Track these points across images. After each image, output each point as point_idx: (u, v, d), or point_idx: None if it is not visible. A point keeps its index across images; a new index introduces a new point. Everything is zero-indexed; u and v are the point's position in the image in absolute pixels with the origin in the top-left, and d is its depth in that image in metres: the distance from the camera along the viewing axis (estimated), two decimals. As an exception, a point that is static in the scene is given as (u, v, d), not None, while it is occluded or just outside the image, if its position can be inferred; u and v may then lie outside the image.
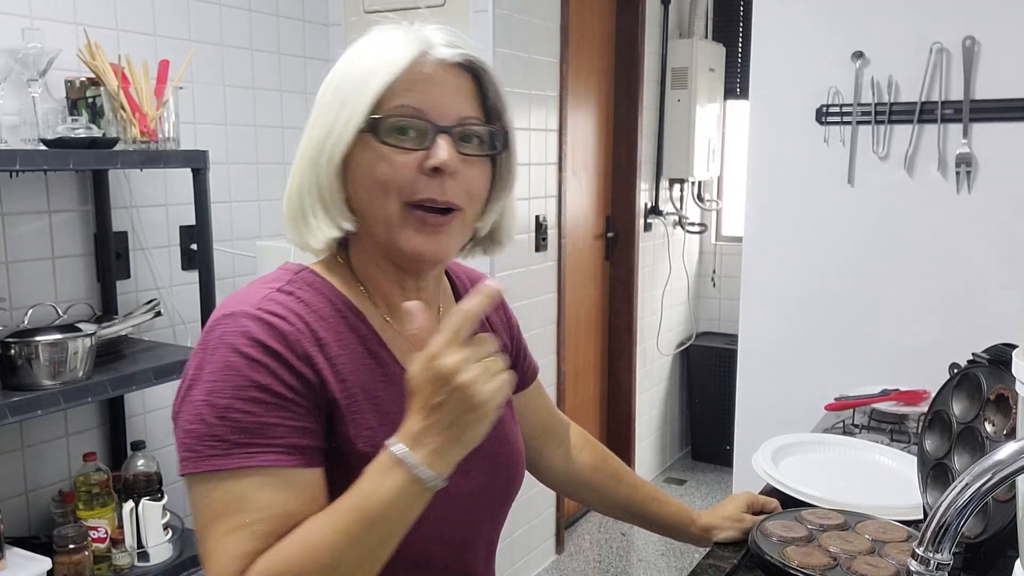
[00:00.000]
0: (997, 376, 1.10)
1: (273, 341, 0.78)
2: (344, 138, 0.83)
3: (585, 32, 3.29)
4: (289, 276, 0.88)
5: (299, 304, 0.83)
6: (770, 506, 1.22)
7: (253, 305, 0.81)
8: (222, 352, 0.78)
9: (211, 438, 0.76)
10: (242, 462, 0.75)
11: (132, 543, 1.86)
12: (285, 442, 0.77)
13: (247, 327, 0.78)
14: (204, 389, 0.77)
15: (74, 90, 1.88)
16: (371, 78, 0.82)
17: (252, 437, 0.76)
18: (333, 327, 0.84)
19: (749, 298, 2.31)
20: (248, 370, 0.77)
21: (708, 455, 4.22)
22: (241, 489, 0.75)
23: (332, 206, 0.85)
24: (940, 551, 0.64)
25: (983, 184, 2.00)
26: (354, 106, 0.82)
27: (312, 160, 0.85)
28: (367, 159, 0.83)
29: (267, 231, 2.51)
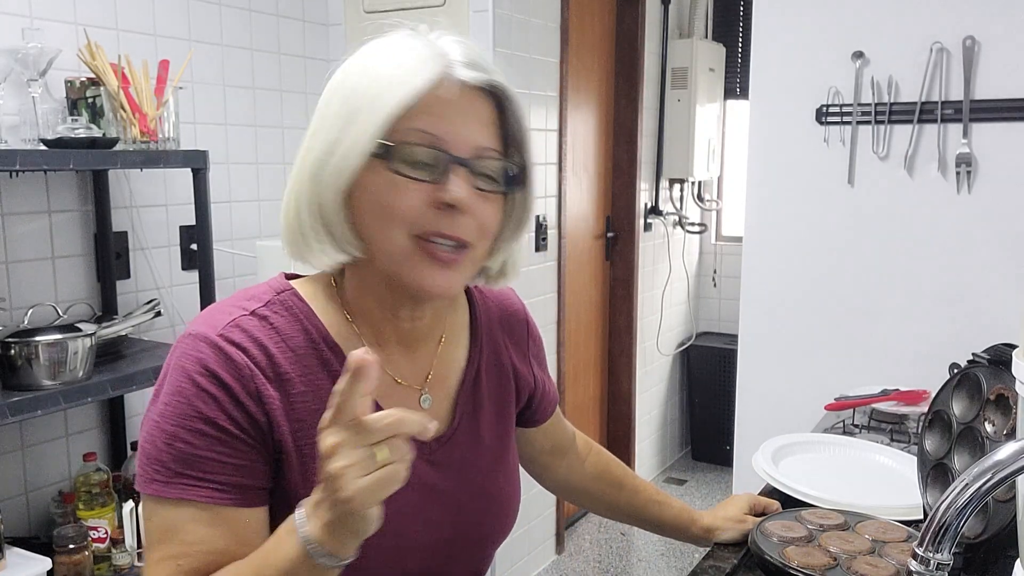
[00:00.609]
0: (997, 376, 1.10)
1: (225, 373, 0.75)
2: (351, 160, 0.76)
3: (585, 32, 3.29)
4: (270, 296, 0.83)
5: (269, 331, 0.79)
6: (771, 507, 1.22)
7: (216, 329, 0.77)
8: (176, 375, 0.76)
9: (157, 462, 0.75)
10: (179, 493, 0.74)
11: (132, 543, 1.86)
12: (223, 479, 0.75)
13: (202, 354, 0.76)
14: (158, 410, 0.76)
15: (74, 90, 1.88)
16: (386, 96, 0.76)
17: (191, 469, 0.74)
18: (301, 361, 0.79)
19: (749, 298, 2.31)
20: (196, 400, 0.75)
21: (708, 455, 4.21)
22: (175, 519, 0.74)
23: (336, 230, 0.79)
24: (940, 551, 0.64)
25: (983, 184, 2.00)
26: (364, 126, 0.76)
27: (313, 176, 0.78)
28: (375, 185, 0.77)
29: (267, 231, 2.51)
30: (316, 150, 0.79)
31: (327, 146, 0.78)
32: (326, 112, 0.80)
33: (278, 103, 2.53)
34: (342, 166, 0.77)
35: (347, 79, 0.80)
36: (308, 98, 2.64)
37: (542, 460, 1.16)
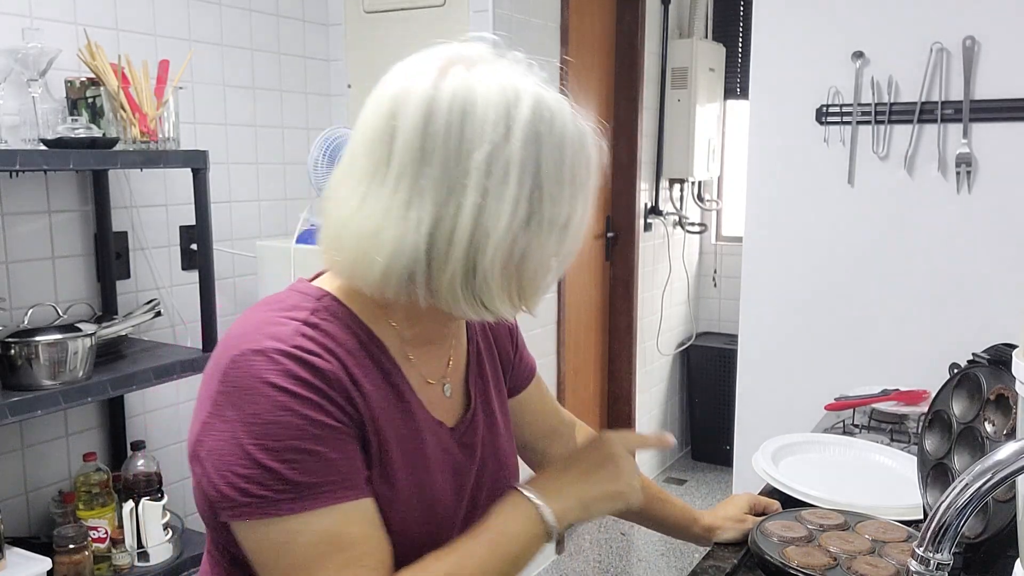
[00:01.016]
0: (997, 376, 1.10)
1: (316, 380, 0.75)
2: (579, 241, 0.81)
3: (585, 32, 3.29)
4: (312, 304, 0.81)
5: (327, 339, 0.78)
6: (771, 507, 1.22)
7: (284, 342, 0.75)
8: (266, 392, 0.73)
9: (279, 481, 0.72)
10: (320, 503, 0.73)
11: (132, 543, 1.86)
12: (348, 474, 0.76)
13: (285, 366, 0.74)
14: (252, 432, 0.72)
15: (74, 90, 1.88)
16: (590, 186, 0.81)
17: (321, 476, 0.73)
18: (360, 363, 0.80)
19: (749, 298, 2.31)
20: (301, 408, 0.73)
21: (708, 455, 4.21)
22: (331, 526, 0.74)
23: (530, 296, 0.81)
24: (940, 551, 0.64)
25: (983, 184, 2.00)
26: (583, 212, 0.80)
27: (506, 245, 0.75)
28: (539, 253, 0.79)
29: (267, 231, 2.51)
30: (520, 218, 0.75)
31: (550, 214, 0.77)
32: (523, 169, 0.74)
33: (278, 103, 2.53)
34: (567, 246, 0.80)
35: (543, 140, 0.76)
36: (308, 98, 2.64)
37: (539, 446, 1.14)
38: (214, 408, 0.75)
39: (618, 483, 0.89)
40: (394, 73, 0.79)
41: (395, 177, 0.75)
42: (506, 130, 0.74)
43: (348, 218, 0.77)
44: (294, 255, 2.19)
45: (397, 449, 0.81)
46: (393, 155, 0.75)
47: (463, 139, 0.73)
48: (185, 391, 2.27)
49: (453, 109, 0.74)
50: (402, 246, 0.74)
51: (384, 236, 0.74)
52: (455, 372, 0.93)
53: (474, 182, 0.73)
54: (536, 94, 0.76)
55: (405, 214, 0.74)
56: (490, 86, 0.75)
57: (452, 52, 0.78)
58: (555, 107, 0.77)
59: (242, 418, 0.73)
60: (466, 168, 0.73)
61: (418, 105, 0.74)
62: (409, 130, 0.74)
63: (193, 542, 2.01)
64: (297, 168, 2.58)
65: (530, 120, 0.74)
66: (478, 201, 0.73)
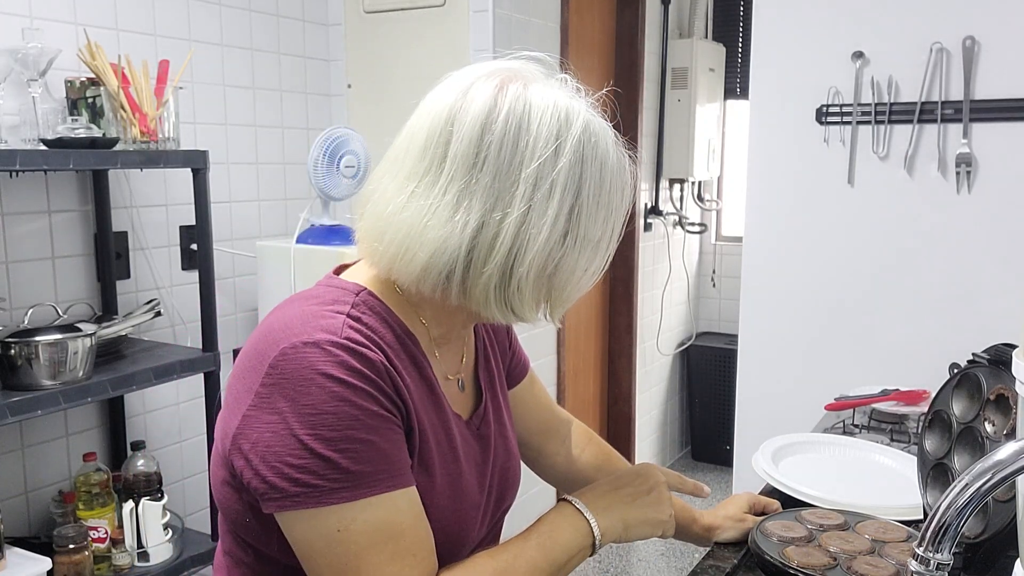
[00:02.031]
0: (997, 376, 1.10)
1: (368, 370, 0.77)
2: (608, 258, 0.85)
3: (585, 32, 3.29)
4: (351, 299, 0.83)
5: (369, 333, 0.81)
6: (771, 507, 1.22)
7: (334, 334, 0.77)
8: (320, 382, 0.74)
9: (332, 470, 0.74)
10: (375, 491, 0.75)
11: (132, 543, 1.86)
12: (399, 465, 0.78)
13: (338, 358, 0.76)
14: (304, 422, 0.74)
15: (74, 90, 1.88)
16: (624, 209, 0.85)
17: (374, 465, 0.75)
18: (399, 356, 0.83)
19: (749, 298, 2.31)
20: (355, 398, 0.75)
21: (708, 455, 4.21)
22: (381, 516, 0.76)
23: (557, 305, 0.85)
24: (940, 551, 0.64)
25: (983, 184, 2.00)
26: (615, 231, 0.85)
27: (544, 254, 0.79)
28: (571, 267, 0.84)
29: (267, 231, 2.51)
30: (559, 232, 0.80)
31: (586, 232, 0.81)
32: (566, 188, 0.79)
33: (278, 103, 2.53)
34: (598, 261, 0.85)
35: (587, 161, 0.80)
36: (308, 98, 2.64)
37: (535, 443, 1.16)
38: (258, 400, 0.76)
39: (660, 512, 0.95)
40: (450, 83, 0.83)
41: (446, 180, 0.79)
42: (556, 148, 0.78)
43: (394, 213, 0.80)
44: (294, 255, 2.19)
45: (432, 440, 0.85)
46: (447, 159, 0.79)
47: (516, 152, 0.78)
48: (185, 391, 2.27)
49: (510, 122, 0.78)
50: (445, 245, 0.78)
51: (429, 233, 0.78)
52: (467, 367, 0.97)
53: (521, 193, 0.77)
54: (586, 118, 0.81)
55: (452, 215, 0.78)
56: (545, 105, 0.79)
57: (510, 68, 0.83)
58: (600, 133, 0.82)
59: (295, 408, 0.74)
60: (516, 179, 0.77)
61: (477, 115, 0.78)
62: (466, 137, 0.78)
63: (193, 542, 2.01)
64: (297, 168, 2.58)
65: (579, 141, 0.79)
66: (523, 212, 0.78)
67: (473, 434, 0.94)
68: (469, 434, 0.93)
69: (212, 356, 1.95)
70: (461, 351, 0.96)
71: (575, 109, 0.81)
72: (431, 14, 2.53)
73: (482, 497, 0.93)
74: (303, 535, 0.76)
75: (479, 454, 0.94)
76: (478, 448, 0.94)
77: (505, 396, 1.04)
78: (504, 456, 0.98)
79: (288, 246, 2.21)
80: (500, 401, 1.01)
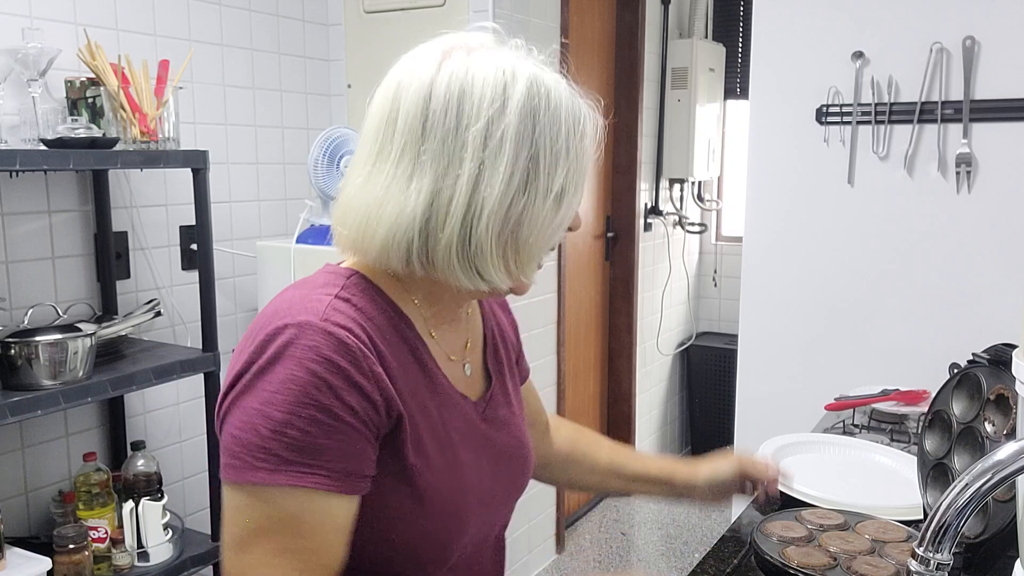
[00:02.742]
0: (997, 376, 1.10)
1: (341, 359, 0.76)
2: (571, 212, 0.83)
3: (585, 32, 3.29)
4: (342, 281, 0.84)
5: (358, 313, 0.80)
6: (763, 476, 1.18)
7: (318, 315, 0.77)
8: (286, 364, 0.75)
9: (261, 450, 0.74)
10: (292, 481, 0.74)
11: (132, 543, 1.86)
12: (334, 466, 0.75)
13: (316, 342, 0.75)
14: (261, 399, 0.75)
15: (74, 90, 1.88)
16: (589, 152, 0.84)
17: (303, 456, 0.74)
18: (387, 337, 0.82)
19: (749, 298, 2.31)
20: (312, 389, 0.74)
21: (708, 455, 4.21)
22: (289, 508, 0.75)
23: (525, 264, 0.83)
24: (940, 551, 0.64)
25: (983, 184, 2.00)
26: (576, 181, 0.82)
27: (500, 213, 0.78)
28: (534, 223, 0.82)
29: (267, 231, 2.51)
30: (514, 188, 0.79)
31: (545, 184, 0.80)
32: (519, 142, 0.78)
33: (278, 103, 2.53)
34: (560, 215, 0.82)
35: (538, 115, 0.80)
36: (308, 98, 2.64)
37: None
38: (238, 378, 0.78)
39: None
40: (400, 62, 0.83)
41: (397, 153, 0.79)
42: (502, 105, 0.78)
43: (353, 195, 0.82)
44: (294, 255, 2.19)
45: (424, 421, 0.84)
46: (396, 134, 0.80)
47: (461, 115, 0.78)
48: (185, 391, 2.27)
49: (451, 88, 0.78)
50: (401, 217, 0.78)
51: (385, 208, 0.79)
52: (473, 353, 0.97)
53: (471, 154, 0.77)
54: (532, 73, 0.80)
55: (406, 187, 0.78)
56: (487, 68, 0.79)
57: (454, 40, 0.83)
58: (551, 84, 0.82)
59: (260, 385, 0.75)
60: (463, 141, 0.77)
61: (419, 87, 0.79)
62: (410, 109, 0.79)
63: (193, 542, 2.01)
64: (297, 168, 2.58)
65: (526, 96, 0.79)
66: (474, 172, 0.77)
67: (480, 416, 0.93)
68: (476, 416, 0.92)
69: (212, 356, 1.95)
70: (464, 335, 0.96)
71: (521, 67, 0.80)
72: (431, 14, 2.53)
73: (493, 481, 0.93)
74: (228, 502, 0.78)
75: (488, 436, 0.94)
76: (487, 430, 0.94)
77: (516, 388, 1.04)
78: (515, 443, 0.98)
79: (288, 246, 2.21)
80: (508, 389, 1.01)
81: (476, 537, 0.92)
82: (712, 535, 3.39)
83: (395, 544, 0.82)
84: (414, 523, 0.82)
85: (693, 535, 3.42)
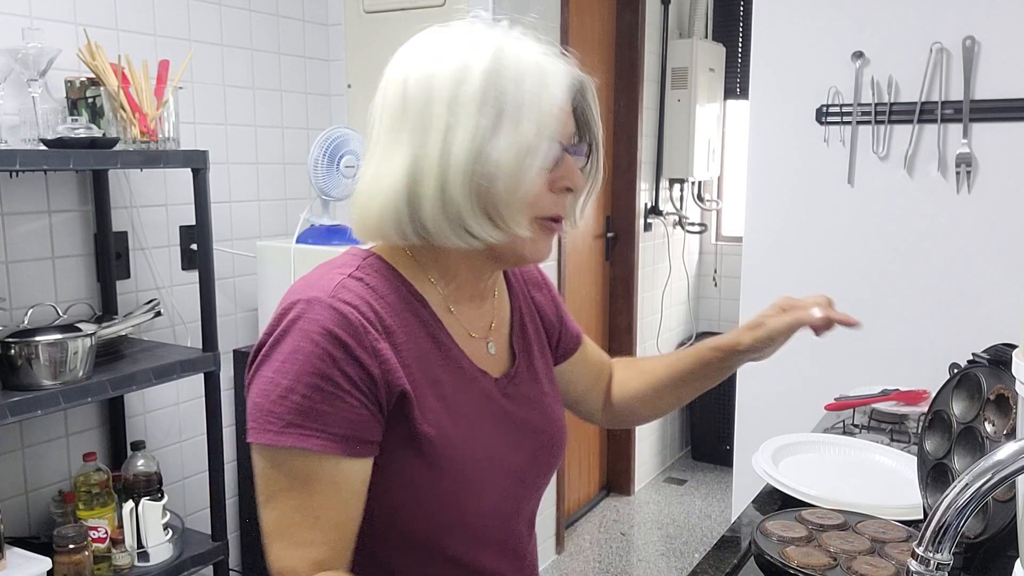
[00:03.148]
0: (997, 376, 1.10)
1: (343, 332, 0.81)
2: (535, 160, 0.83)
3: (585, 32, 3.29)
4: (358, 262, 0.90)
5: (368, 292, 0.86)
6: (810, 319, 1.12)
7: (327, 292, 0.84)
8: (294, 336, 0.82)
9: (271, 415, 0.80)
10: (295, 442, 0.80)
11: (132, 543, 1.86)
12: (335, 430, 0.81)
13: (320, 316, 0.82)
14: (272, 368, 0.82)
15: (74, 90, 1.88)
16: (547, 104, 0.84)
17: (305, 420, 0.80)
18: (399, 314, 0.88)
19: (749, 298, 2.31)
20: (315, 359, 0.80)
21: (708, 455, 4.21)
22: (298, 468, 0.81)
23: (495, 213, 0.85)
24: (940, 551, 0.64)
25: (983, 184, 2.00)
26: (537, 128, 0.83)
27: (474, 165, 0.83)
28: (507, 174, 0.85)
29: (267, 231, 2.51)
30: (479, 142, 0.82)
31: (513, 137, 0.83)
32: (483, 102, 0.83)
33: (278, 103, 2.53)
34: (526, 164, 0.83)
35: (502, 75, 0.84)
36: (308, 98, 2.64)
37: (591, 395, 1.17)
38: (259, 349, 0.85)
39: None
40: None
41: (384, 137, 0.87)
42: (466, 70, 0.83)
43: (358, 183, 0.90)
44: (294, 255, 2.19)
45: (433, 393, 0.88)
46: (382, 120, 0.88)
47: (431, 89, 0.84)
48: (185, 391, 2.27)
49: (423, 67, 0.85)
50: (389, 190, 0.85)
51: (376, 186, 0.87)
52: (498, 332, 1.00)
53: (439, 119, 0.83)
54: (496, 40, 0.86)
55: (391, 164, 0.86)
56: (454, 41, 0.86)
57: (431, 28, 0.90)
58: (519, 47, 0.86)
59: (273, 355, 0.82)
60: (432, 112, 0.84)
61: (397, 73, 0.87)
62: (392, 95, 0.87)
63: (193, 542, 2.01)
64: (297, 168, 2.59)
65: (490, 61, 0.84)
66: (442, 133, 0.83)
67: (501, 392, 0.96)
68: (496, 391, 0.95)
69: (212, 356, 1.95)
70: (489, 315, 1.00)
71: (488, 38, 0.86)
72: (431, 14, 2.53)
73: (514, 452, 0.95)
74: (254, 462, 0.84)
75: (509, 411, 0.96)
76: (508, 405, 0.97)
77: (547, 369, 1.06)
78: (541, 420, 1.00)
79: (288, 246, 2.21)
80: (536, 368, 1.03)
81: (503, 510, 0.95)
82: (712, 535, 3.39)
83: (411, 509, 0.87)
84: (428, 489, 0.86)
85: (693, 535, 3.42)
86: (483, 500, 0.90)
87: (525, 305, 1.06)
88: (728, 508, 3.46)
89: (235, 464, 2.44)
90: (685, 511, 3.63)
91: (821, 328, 1.11)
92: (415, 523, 0.88)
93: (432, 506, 0.87)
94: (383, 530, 0.87)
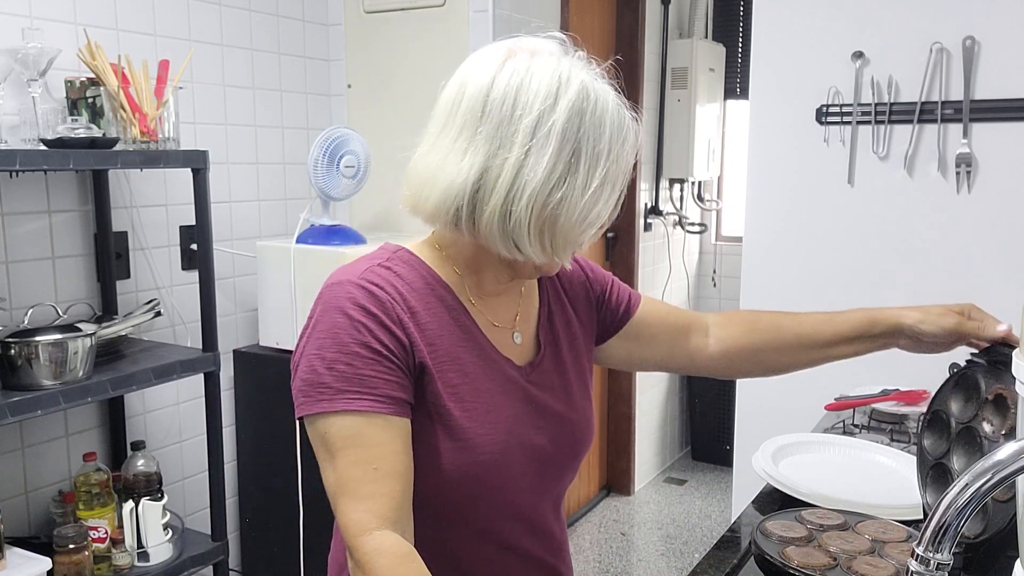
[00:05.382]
0: (995, 376, 1.10)
1: (372, 305, 0.90)
2: (605, 212, 0.92)
3: (585, 32, 3.29)
4: (388, 255, 0.98)
5: (395, 277, 0.95)
6: (984, 338, 1.18)
7: (357, 276, 0.93)
8: (331, 314, 0.91)
9: (321, 386, 0.89)
10: (347, 405, 0.88)
11: (132, 543, 1.87)
12: (381, 392, 0.89)
13: (351, 293, 0.91)
14: (315, 344, 0.90)
15: (74, 90, 1.88)
16: (627, 169, 0.93)
17: (353, 385, 0.88)
18: (423, 298, 0.96)
19: (749, 298, 2.31)
20: (351, 329, 0.89)
21: (708, 455, 4.21)
22: (352, 428, 0.88)
23: (558, 247, 0.92)
24: (940, 551, 0.64)
25: (983, 184, 2.00)
26: (614, 187, 0.92)
27: (540, 198, 0.88)
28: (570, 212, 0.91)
29: (267, 231, 2.51)
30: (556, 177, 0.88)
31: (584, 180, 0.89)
32: (565, 138, 0.88)
33: (278, 103, 2.53)
34: (594, 213, 0.91)
35: (585, 115, 0.90)
36: (308, 98, 2.64)
37: (677, 351, 1.19)
38: (302, 334, 0.94)
39: None
40: (469, 58, 0.96)
41: (457, 130, 0.91)
42: (553, 102, 0.89)
43: (417, 160, 0.95)
44: (294, 255, 2.19)
45: (454, 368, 0.95)
46: (458, 114, 0.92)
47: (516, 105, 0.89)
48: (185, 391, 2.27)
49: (511, 82, 0.90)
50: (453, 185, 0.90)
51: (440, 175, 0.91)
52: (524, 324, 1.06)
53: (520, 140, 0.88)
54: (585, 80, 0.92)
55: (460, 159, 0.90)
56: (545, 69, 0.91)
57: (520, 42, 0.94)
58: (601, 92, 0.93)
59: (314, 334, 0.91)
60: (515, 128, 0.88)
61: (483, 77, 0.91)
62: (474, 95, 0.91)
63: (193, 542, 2.01)
64: (297, 168, 2.59)
65: (576, 98, 0.90)
66: (521, 156, 0.88)
67: (524, 378, 1.02)
68: (520, 377, 1.01)
69: (212, 356, 1.95)
70: (515, 307, 1.05)
71: (576, 73, 0.92)
72: (431, 14, 2.53)
73: (537, 432, 1.00)
74: (310, 434, 0.91)
75: (532, 395, 1.02)
76: (532, 390, 1.02)
77: (577, 363, 1.10)
78: (565, 408, 1.05)
79: (288, 246, 2.21)
80: (564, 360, 1.08)
81: (523, 485, 0.99)
82: (712, 535, 3.39)
83: (435, 478, 0.93)
84: (451, 458, 0.93)
85: (693, 535, 3.42)
86: (504, 474, 0.96)
87: (555, 299, 1.11)
88: (728, 508, 3.46)
89: (235, 464, 2.44)
90: (685, 511, 3.63)
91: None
92: (444, 492, 0.94)
93: (455, 475, 0.93)
94: (416, 500, 0.92)
